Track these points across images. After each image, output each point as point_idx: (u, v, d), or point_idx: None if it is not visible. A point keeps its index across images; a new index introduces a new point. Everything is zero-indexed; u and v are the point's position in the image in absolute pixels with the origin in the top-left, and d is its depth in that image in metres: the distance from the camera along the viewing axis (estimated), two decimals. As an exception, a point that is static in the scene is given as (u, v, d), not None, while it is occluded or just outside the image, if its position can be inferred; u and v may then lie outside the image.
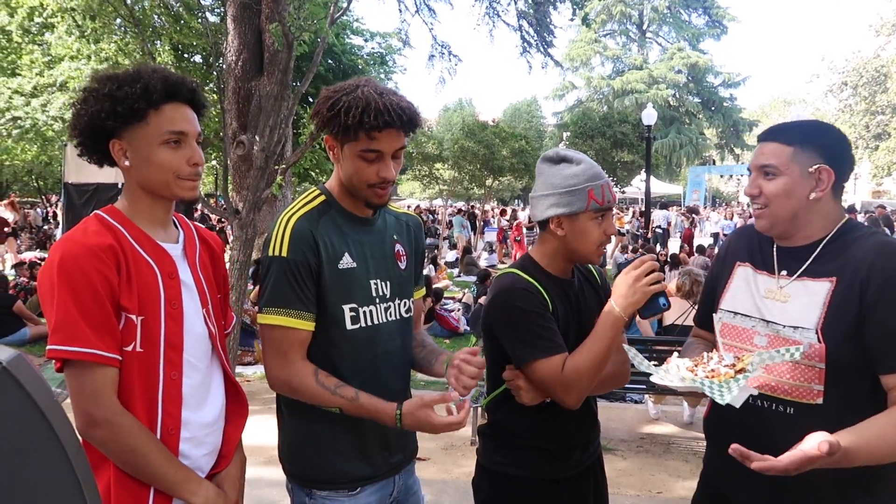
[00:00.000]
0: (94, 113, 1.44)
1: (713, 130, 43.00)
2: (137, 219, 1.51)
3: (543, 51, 17.28)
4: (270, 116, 5.59)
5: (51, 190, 29.57)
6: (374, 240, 1.76)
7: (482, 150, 19.27)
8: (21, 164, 22.06)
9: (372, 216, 1.78)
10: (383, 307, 1.74)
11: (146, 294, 1.43)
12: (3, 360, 0.77)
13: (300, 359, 1.63)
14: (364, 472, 1.73)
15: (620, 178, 29.72)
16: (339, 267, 1.66)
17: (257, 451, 4.49)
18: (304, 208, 1.69)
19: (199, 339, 1.53)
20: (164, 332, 1.45)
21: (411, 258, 1.87)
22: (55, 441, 0.83)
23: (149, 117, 1.45)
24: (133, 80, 1.45)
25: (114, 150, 1.48)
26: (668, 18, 42.30)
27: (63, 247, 1.37)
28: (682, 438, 4.98)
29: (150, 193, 1.51)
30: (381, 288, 1.74)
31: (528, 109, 48.97)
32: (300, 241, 1.62)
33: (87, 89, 1.48)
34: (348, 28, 16.67)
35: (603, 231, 1.80)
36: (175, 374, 1.47)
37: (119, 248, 1.41)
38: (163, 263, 1.49)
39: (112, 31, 11.63)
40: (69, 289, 1.33)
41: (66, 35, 11.54)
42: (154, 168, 1.47)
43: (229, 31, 9.50)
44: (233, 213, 5.71)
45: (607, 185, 1.80)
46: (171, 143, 1.47)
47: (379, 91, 1.60)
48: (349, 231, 1.71)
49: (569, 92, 43.86)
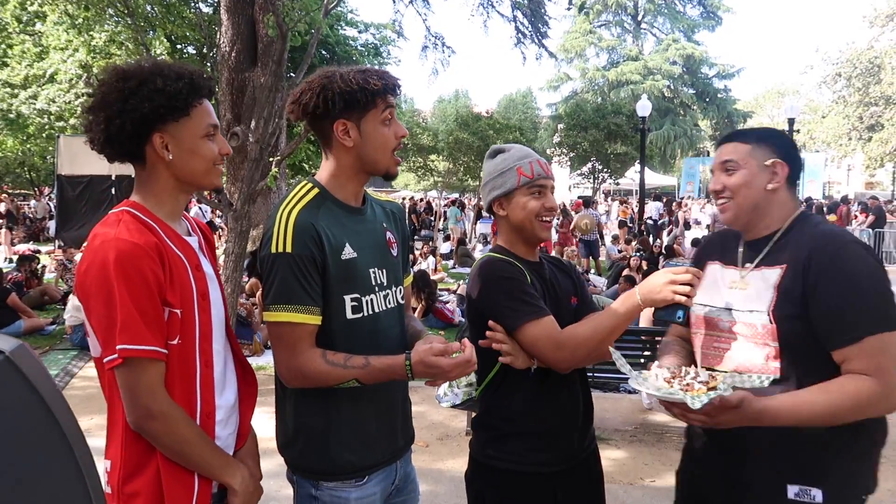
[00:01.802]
0: (151, 107, 1.46)
1: (708, 122, 42.98)
2: (162, 214, 1.55)
3: (538, 42, 17.26)
4: (265, 108, 5.59)
5: (44, 182, 29.39)
6: (368, 229, 1.78)
7: (477, 142, 19.24)
8: (13, 156, 21.94)
9: (362, 206, 1.80)
10: (382, 295, 1.76)
11: (182, 287, 1.49)
12: (6, 350, 0.78)
13: (308, 347, 1.63)
14: (369, 460, 1.74)
15: (614, 170, 29.78)
16: (342, 258, 1.67)
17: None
18: (301, 201, 1.68)
19: (220, 327, 1.61)
20: (199, 324, 1.51)
21: (401, 245, 1.89)
22: (57, 429, 0.85)
23: (192, 111, 1.52)
24: (178, 76, 1.50)
25: (155, 143, 1.50)
26: (663, 9, 42.18)
27: (116, 246, 1.39)
28: (675, 427, 5.02)
29: (184, 185, 1.56)
30: (379, 276, 1.76)
31: (524, 101, 48.87)
32: (304, 234, 1.61)
33: (128, 86, 1.46)
34: (342, 19, 16.62)
35: (541, 205, 1.91)
36: (209, 362, 1.55)
37: (161, 245, 1.46)
38: (189, 257, 1.55)
39: (104, 20, 11.55)
40: (128, 288, 1.37)
41: (57, 25, 11.45)
42: (198, 159, 1.54)
43: (223, 22, 9.45)
44: (227, 206, 5.71)
45: (537, 162, 1.94)
46: (209, 135, 1.55)
47: (353, 67, 1.71)
48: (346, 222, 1.72)
49: (563, 83, 43.75)
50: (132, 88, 1.46)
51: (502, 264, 1.90)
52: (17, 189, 30.45)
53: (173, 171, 1.53)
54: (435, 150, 20.76)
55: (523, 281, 1.87)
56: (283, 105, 6.14)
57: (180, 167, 1.53)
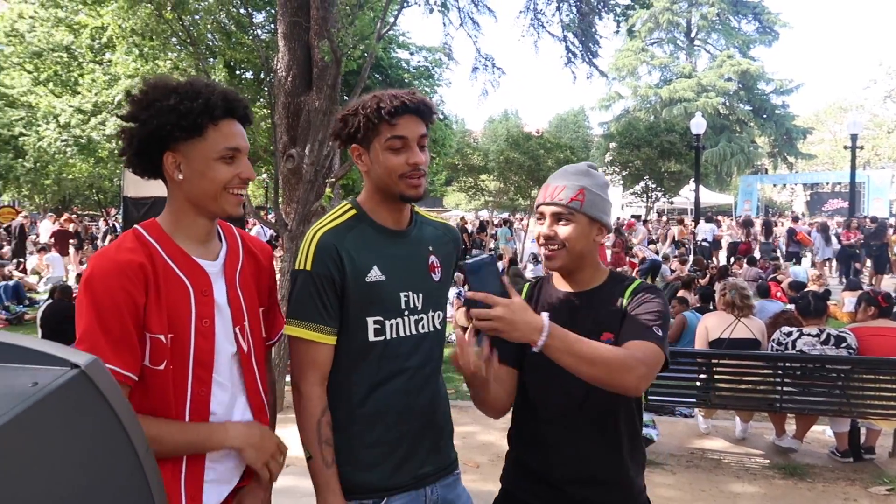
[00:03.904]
0: (160, 124, 1.44)
1: (765, 139, 41.90)
2: (177, 234, 1.51)
3: (588, 61, 17.17)
4: (319, 131, 5.73)
5: (110, 203, 30.68)
6: (407, 252, 1.76)
7: (527, 161, 19.21)
8: (83, 179, 23.02)
9: (406, 228, 1.78)
10: (413, 319, 1.73)
11: (176, 311, 1.44)
12: (82, 364, 0.82)
13: (317, 385, 1.66)
14: (384, 483, 1.71)
15: (668, 188, 29.24)
16: (367, 280, 1.66)
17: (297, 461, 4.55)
18: (332, 223, 1.72)
19: (227, 360, 1.54)
20: (194, 349, 1.46)
21: (447, 270, 1.85)
22: (127, 442, 0.89)
23: (207, 132, 1.47)
24: (194, 95, 1.46)
25: (167, 162, 1.48)
26: (717, 26, 41.49)
27: (94, 262, 1.40)
28: (733, 454, 4.86)
29: (197, 208, 1.51)
30: (413, 300, 1.73)
31: (575, 120, 48.61)
32: (324, 254, 1.64)
33: (146, 99, 1.46)
34: (395, 42, 16.93)
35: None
36: (203, 391, 1.48)
37: (150, 266, 1.42)
38: (197, 280, 1.49)
39: (168, 49, 12.07)
40: (93, 304, 1.36)
41: (126, 55, 12.03)
42: (207, 182, 1.48)
43: (280, 48, 9.74)
44: (282, 226, 5.85)
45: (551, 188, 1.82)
46: (226, 158, 1.49)
47: (387, 91, 1.69)
48: (379, 244, 1.72)
49: (615, 102, 43.39)
50: (148, 103, 1.45)
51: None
52: (86, 210, 31.85)
53: (184, 191, 1.50)
54: (485, 169, 20.81)
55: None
56: (337, 128, 6.29)
57: (189, 189, 1.49)
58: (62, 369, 0.81)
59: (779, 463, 4.64)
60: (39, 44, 16.83)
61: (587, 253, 1.72)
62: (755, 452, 4.88)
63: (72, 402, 0.81)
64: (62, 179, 23.80)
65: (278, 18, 9.80)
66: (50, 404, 0.77)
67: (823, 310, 4.96)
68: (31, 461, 0.75)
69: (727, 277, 7.55)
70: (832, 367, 4.47)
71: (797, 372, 4.46)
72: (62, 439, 0.79)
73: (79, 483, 0.82)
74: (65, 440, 0.80)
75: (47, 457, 0.77)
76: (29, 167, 22.07)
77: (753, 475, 4.46)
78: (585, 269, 1.75)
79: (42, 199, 30.19)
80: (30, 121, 19.32)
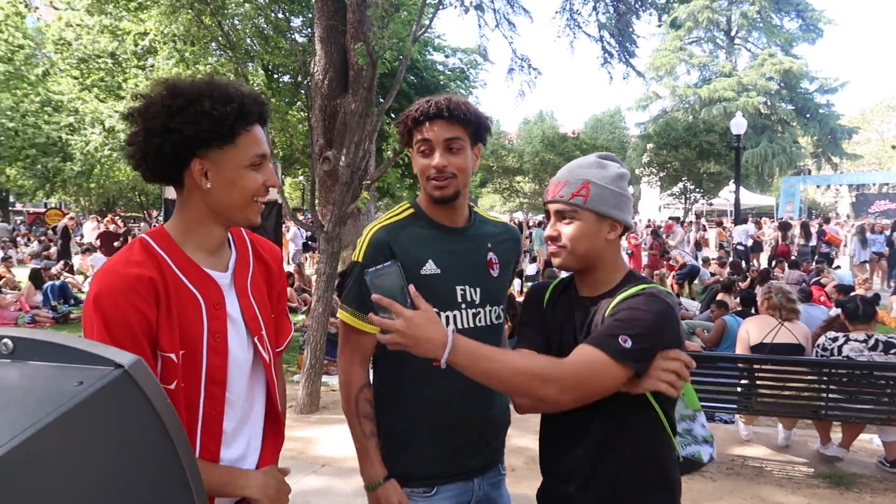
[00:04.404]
0: (193, 130, 1.34)
1: (808, 139, 40.86)
2: (187, 244, 1.42)
3: (625, 61, 16.99)
4: (356, 133, 5.76)
5: (152, 205, 31.43)
6: (465, 248, 1.83)
7: (563, 162, 19.07)
8: (126, 181, 23.63)
9: (463, 226, 1.86)
10: (471, 313, 1.80)
11: (188, 326, 1.36)
12: (125, 364, 0.83)
13: (357, 365, 1.81)
14: (434, 470, 1.78)
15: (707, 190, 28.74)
16: (422, 273, 1.75)
17: (332, 461, 4.60)
18: (388, 220, 1.84)
19: (241, 374, 1.47)
20: (206, 366, 1.39)
21: (506, 267, 1.91)
22: (169, 442, 0.89)
23: (238, 138, 1.39)
24: (227, 99, 1.37)
25: (194, 169, 1.38)
26: (758, 23, 40.60)
27: (101, 278, 1.31)
28: (776, 462, 4.73)
29: (219, 217, 1.43)
30: (470, 294, 1.80)
31: (611, 121, 48.16)
32: (375, 249, 1.77)
33: (175, 104, 1.34)
34: (429, 45, 16.96)
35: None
36: (216, 409, 1.42)
37: (161, 279, 1.33)
38: (208, 293, 1.41)
39: (208, 54, 12.30)
40: (103, 323, 1.27)
41: (167, 59, 12.30)
42: (237, 191, 1.41)
43: (316, 51, 9.86)
44: (318, 227, 5.90)
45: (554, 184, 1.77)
46: (255, 165, 1.42)
47: (433, 97, 1.77)
48: (435, 240, 1.80)
49: (653, 102, 42.79)
50: (179, 107, 1.33)
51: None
52: (129, 212, 32.69)
53: (208, 200, 1.40)
54: (521, 171, 20.75)
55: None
56: (374, 130, 6.32)
57: (217, 197, 1.40)
58: (106, 369, 0.82)
59: (824, 472, 4.50)
60: (85, 50, 17.33)
61: (597, 253, 1.58)
62: (799, 461, 4.75)
63: (115, 401, 0.82)
64: (107, 182, 24.47)
65: (315, 22, 9.94)
66: (94, 404, 0.78)
67: (872, 314, 4.80)
68: (75, 461, 0.76)
69: (769, 281, 7.36)
70: (881, 374, 4.31)
71: (844, 378, 4.32)
72: (105, 439, 0.80)
73: (120, 483, 0.83)
74: (107, 440, 0.81)
75: (90, 457, 0.78)
76: (77, 170, 22.76)
77: (797, 484, 4.33)
78: (598, 270, 1.61)
79: (87, 201, 31.08)
80: (77, 125, 19.92)
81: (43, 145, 23.46)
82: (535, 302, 1.73)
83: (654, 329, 1.47)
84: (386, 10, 5.98)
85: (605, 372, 1.42)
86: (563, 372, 1.41)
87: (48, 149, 23.41)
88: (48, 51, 22.09)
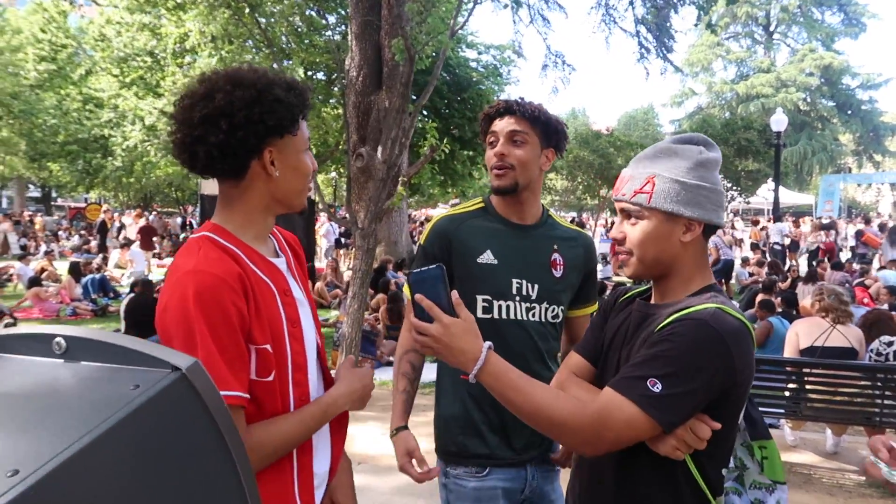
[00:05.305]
0: (274, 119, 1.33)
1: (849, 136, 39.81)
2: (246, 235, 1.40)
3: (663, 56, 16.68)
4: (392, 129, 5.72)
5: (188, 201, 31.94)
6: (529, 245, 1.90)
7: (597, 160, 18.86)
8: (163, 177, 24.05)
9: (531, 224, 1.93)
10: (525, 306, 1.86)
11: (271, 319, 1.35)
12: (183, 367, 0.78)
13: (408, 331, 1.88)
14: (481, 449, 1.86)
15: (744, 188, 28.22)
16: (478, 261, 1.85)
17: (369, 459, 4.56)
18: (455, 211, 1.99)
19: (313, 357, 1.48)
20: (291, 354, 1.38)
21: (572, 271, 1.94)
22: (224, 448, 0.84)
23: (298, 125, 1.40)
24: (290, 86, 1.37)
25: (265, 158, 1.36)
26: (798, 18, 39.69)
27: (195, 279, 1.25)
28: (824, 469, 4.57)
29: (279, 204, 1.43)
30: (527, 288, 1.87)
31: (644, 118, 47.46)
32: (435, 235, 1.92)
33: (246, 95, 1.31)
34: (463, 41, 16.87)
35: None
36: (304, 396, 1.42)
37: (244, 274, 1.32)
38: (277, 281, 1.40)
39: (245, 52, 12.40)
40: (208, 326, 1.23)
41: (208, 58, 12.44)
42: (299, 176, 1.42)
43: (351, 48, 9.87)
44: (354, 224, 5.88)
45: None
46: (307, 150, 1.45)
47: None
48: (499, 233, 1.90)
49: (688, 98, 42.12)
50: (253, 97, 1.32)
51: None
52: (165, 207, 33.29)
53: (273, 188, 1.39)
54: (553, 168, 20.55)
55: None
56: (410, 126, 6.28)
57: (282, 185, 1.39)
58: (163, 371, 0.77)
59: (876, 481, 4.33)
60: (125, 49, 17.62)
61: (671, 258, 1.36)
62: (849, 468, 4.58)
63: (172, 407, 0.77)
64: (145, 178, 24.92)
65: (350, 18, 9.96)
66: (151, 409, 0.73)
67: (930, 318, 4.61)
68: (130, 471, 0.71)
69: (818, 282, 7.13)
70: (939, 381, 4.13)
71: (899, 385, 4.15)
72: (161, 448, 0.76)
73: (175, 493, 0.78)
74: (163, 449, 0.76)
75: (146, 467, 0.73)
76: (117, 166, 23.21)
77: (848, 492, 4.18)
78: (671, 277, 1.37)
79: (126, 197, 31.72)
80: (117, 122, 20.30)
81: (84, 141, 23.99)
82: (609, 303, 1.57)
83: (695, 368, 1.22)
84: (423, 5, 5.93)
85: (628, 424, 1.22)
86: (583, 422, 1.25)
87: (89, 145, 23.93)
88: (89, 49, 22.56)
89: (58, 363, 0.83)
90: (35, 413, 0.74)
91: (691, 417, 1.25)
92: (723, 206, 1.40)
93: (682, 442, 1.26)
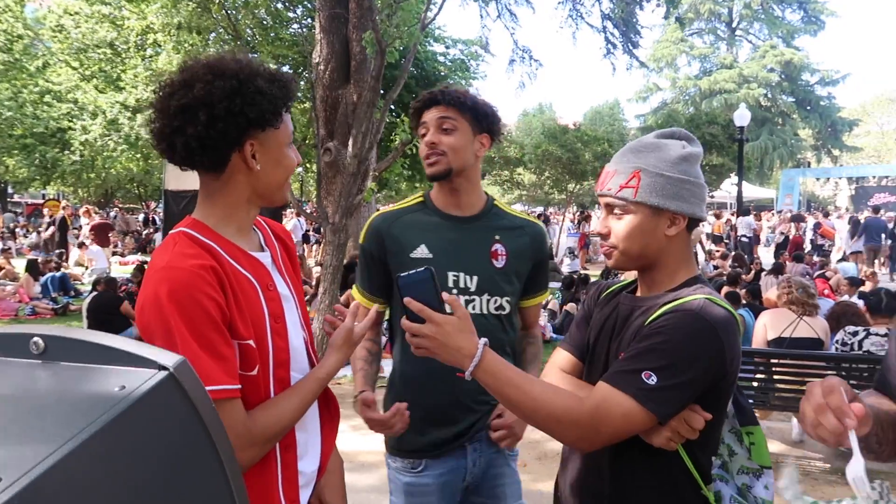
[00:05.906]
0: (255, 111, 1.29)
1: (809, 131, 40.75)
2: (227, 230, 1.37)
3: (629, 52, 16.87)
4: (363, 123, 5.67)
5: (150, 197, 31.26)
6: (467, 236, 1.87)
7: (564, 154, 18.98)
8: (124, 173, 23.49)
9: (471, 215, 1.90)
10: (464, 299, 1.82)
11: (253, 313, 1.33)
12: (170, 365, 0.75)
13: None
14: (415, 444, 1.86)
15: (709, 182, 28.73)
16: (412, 256, 1.83)
17: (348, 457, 4.52)
18: (392, 208, 1.99)
19: (299, 352, 1.46)
20: (273, 350, 1.36)
21: (517, 260, 1.90)
22: (212, 448, 0.82)
23: (282, 118, 1.36)
24: (272, 77, 1.33)
25: (245, 151, 1.32)
26: (759, 15, 40.41)
27: (168, 276, 1.22)
28: (791, 457, 4.68)
29: (260, 199, 1.40)
30: (465, 281, 1.84)
31: (610, 112, 47.78)
32: (370, 233, 1.93)
33: (227, 86, 1.27)
34: (430, 36, 16.81)
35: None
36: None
37: (220, 267, 1.28)
38: (259, 276, 1.38)
39: (209, 45, 12.16)
40: (186, 322, 1.20)
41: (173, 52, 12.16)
42: (282, 170, 1.39)
43: (318, 41, 9.74)
44: (324, 219, 5.82)
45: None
46: (290, 144, 1.41)
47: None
48: (435, 227, 1.88)
49: (653, 94, 42.62)
50: (234, 88, 1.27)
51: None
52: (127, 203, 32.53)
53: (254, 182, 1.36)
54: (521, 162, 20.62)
55: None
56: (380, 120, 6.22)
57: (262, 178, 1.36)
58: (150, 371, 0.74)
59: (840, 467, 4.44)
60: (84, 40, 17.14)
61: (655, 251, 1.37)
62: (814, 456, 4.69)
63: (160, 407, 0.74)
64: (106, 173, 24.30)
65: (317, 11, 9.81)
66: (138, 411, 0.70)
67: (895, 308, 4.73)
68: (118, 474, 0.68)
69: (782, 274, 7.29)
70: (900, 369, 4.25)
71: (864, 374, 4.25)
72: (148, 450, 0.73)
73: (163, 497, 0.75)
74: (151, 451, 0.73)
75: (133, 471, 0.70)
76: (74, 160, 22.57)
77: (815, 479, 4.28)
78: (657, 270, 1.40)
79: (85, 193, 30.90)
80: (76, 115, 19.74)
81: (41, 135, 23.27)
82: (592, 297, 1.58)
83: (689, 359, 1.23)
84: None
85: (625, 418, 1.23)
86: (581, 416, 1.25)
87: (46, 139, 23.23)
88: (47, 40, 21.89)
89: (35, 364, 0.79)
90: (15, 417, 0.70)
91: (685, 408, 1.27)
92: (705, 200, 1.43)
93: (676, 433, 1.27)
